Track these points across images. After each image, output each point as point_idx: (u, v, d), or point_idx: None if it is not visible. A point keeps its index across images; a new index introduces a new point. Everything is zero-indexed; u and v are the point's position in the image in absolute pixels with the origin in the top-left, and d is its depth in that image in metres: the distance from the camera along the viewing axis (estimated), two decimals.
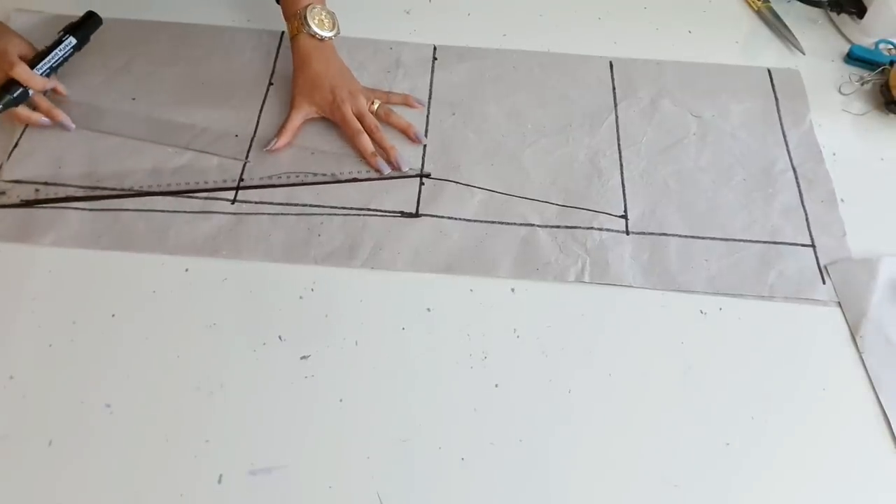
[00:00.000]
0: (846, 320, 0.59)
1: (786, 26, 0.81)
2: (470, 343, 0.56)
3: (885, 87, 0.74)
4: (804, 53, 0.79)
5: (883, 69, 0.75)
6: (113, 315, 0.56)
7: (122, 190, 0.62)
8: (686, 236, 0.62)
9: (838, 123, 0.73)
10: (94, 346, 0.55)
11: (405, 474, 0.50)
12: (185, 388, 0.53)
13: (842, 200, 0.66)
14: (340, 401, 0.53)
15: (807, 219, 0.64)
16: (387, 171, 0.65)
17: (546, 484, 0.51)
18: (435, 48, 0.76)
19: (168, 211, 0.61)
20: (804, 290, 0.60)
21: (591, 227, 0.63)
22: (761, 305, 0.59)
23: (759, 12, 0.83)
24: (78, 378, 0.53)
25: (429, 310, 0.58)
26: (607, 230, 0.63)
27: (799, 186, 0.67)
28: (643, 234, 0.63)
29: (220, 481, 0.49)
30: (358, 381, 0.54)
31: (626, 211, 0.64)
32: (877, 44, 0.78)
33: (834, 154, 0.70)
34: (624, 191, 0.65)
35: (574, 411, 0.54)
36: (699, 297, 0.59)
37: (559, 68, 0.75)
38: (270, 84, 0.71)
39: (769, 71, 0.76)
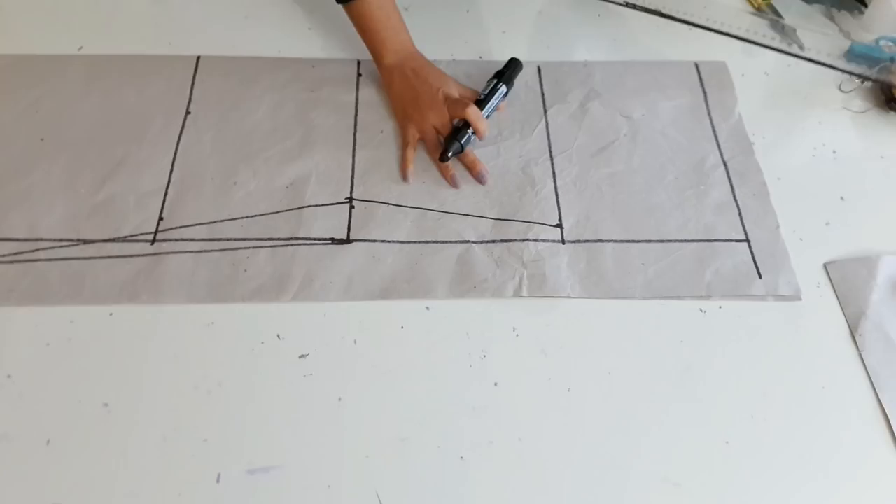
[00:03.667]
0: (846, 319, 0.59)
1: (786, 23, 0.80)
2: (469, 342, 0.56)
3: (884, 85, 0.73)
4: (804, 50, 0.78)
5: (883, 66, 0.74)
6: (111, 314, 0.55)
7: (33, 240, 0.59)
8: (621, 241, 0.62)
9: (838, 121, 0.73)
10: (91, 345, 0.54)
11: (404, 473, 0.50)
12: (184, 387, 0.53)
13: (841, 199, 0.66)
14: (339, 400, 0.53)
15: (740, 213, 0.64)
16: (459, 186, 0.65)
17: (545, 483, 0.50)
18: (359, 63, 0.74)
19: (83, 258, 0.58)
20: (741, 286, 0.60)
21: (527, 239, 0.62)
22: (761, 304, 0.59)
23: (759, 10, 0.83)
24: (76, 377, 0.53)
25: (428, 308, 0.58)
26: (543, 241, 0.62)
27: (730, 181, 0.67)
28: (579, 241, 0.62)
29: (218, 480, 0.49)
30: (356, 380, 0.54)
31: (560, 219, 0.63)
32: (877, 41, 0.78)
33: (834, 152, 0.70)
34: (557, 199, 0.64)
35: (573, 410, 0.54)
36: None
37: (486, 77, 0.73)
38: (188, 113, 0.68)
39: (696, 65, 0.76)
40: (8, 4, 0.77)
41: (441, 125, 0.66)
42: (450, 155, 0.64)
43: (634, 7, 0.77)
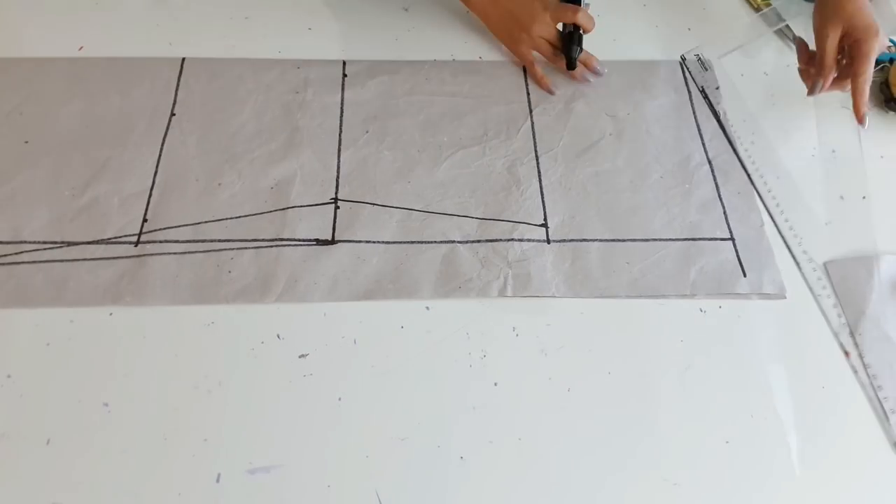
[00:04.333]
0: (845, 318, 0.59)
1: (786, 24, 0.80)
2: (469, 341, 0.56)
3: (884, 85, 0.73)
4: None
5: (883, 67, 0.74)
6: (111, 314, 0.55)
7: (17, 243, 0.59)
8: (607, 240, 0.62)
9: (837, 121, 0.72)
10: (91, 345, 0.54)
11: (404, 473, 0.50)
12: (184, 387, 0.53)
13: (841, 198, 0.66)
14: (339, 399, 0.53)
15: (724, 212, 0.64)
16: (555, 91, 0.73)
17: (545, 483, 0.50)
18: (344, 64, 0.74)
19: (67, 260, 0.58)
20: (725, 284, 0.60)
21: (512, 239, 0.61)
22: (761, 303, 0.59)
23: (758, 10, 0.83)
24: (76, 377, 0.53)
25: (427, 308, 0.58)
26: (528, 240, 0.61)
27: (715, 179, 0.67)
28: (564, 241, 0.62)
29: (218, 480, 0.49)
30: (356, 380, 0.54)
31: (545, 219, 0.63)
32: None
33: (833, 151, 0.70)
34: (543, 198, 0.64)
35: (573, 410, 0.54)
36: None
37: (472, 76, 0.74)
38: (173, 115, 0.68)
39: (681, 64, 0.76)
40: (8, 5, 0.77)
41: (550, 36, 0.71)
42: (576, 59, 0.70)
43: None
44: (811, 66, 0.67)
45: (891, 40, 0.78)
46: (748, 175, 0.67)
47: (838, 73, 0.65)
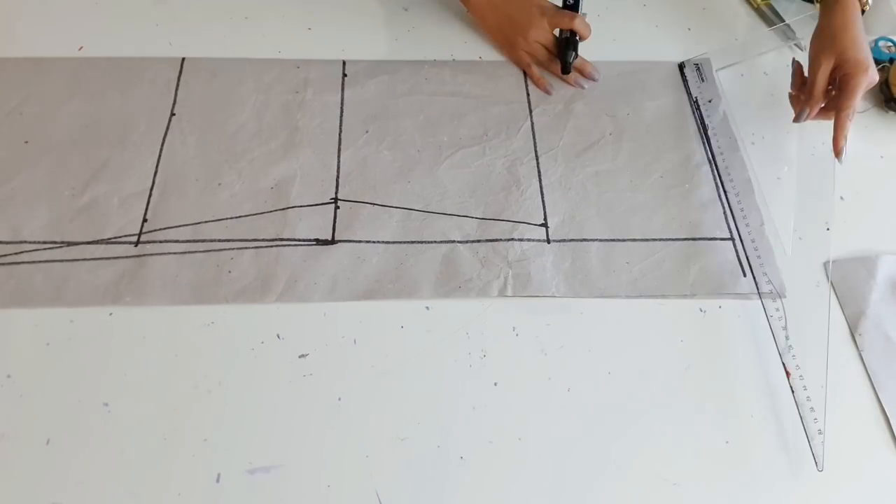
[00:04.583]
0: (845, 318, 0.59)
1: (785, 23, 0.80)
2: (469, 341, 0.56)
3: (884, 85, 0.73)
4: (803, 50, 0.77)
5: (883, 67, 0.74)
6: (111, 314, 0.55)
7: (17, 243, 0.59)
8: (607, 240, 0.62)
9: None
10: (91, 345, 0.54)
11: (404, 473, 0.51)
12: (183, 387, 0.53)
13: (841, 198, 0.66)
14: (339, 399, 0.53)
15: (724, 212, 0.64)
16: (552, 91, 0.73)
17: (545, 483, 0.50)
18: (344, 64, 0.74)
19: (67, 260, 0.58)
20: (726, 284, 0.60)
21: (512, 239, 0.61)
22: (760, 304, 0.59)
23: (758, 9, 0.83)
24: (76, 377, 0.53)
25: (427, 308, 0.58)
26: (528, 240, 0.61)
27: (715, 179, 0.66)
28: (564, 241, 0.62)
29: (218, 480, 0.49)
30: (356, 380, 0.54)
31: (545, 219, 0.63)
32: (876, 41, 0.77)
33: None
34: (543, 198, 0.64)
35: (573, 410, 0.54)
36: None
37: (472, 76, 0.74)
38: (173, 115, 0.68)
39: (680, 64, 0.76)
40: (8, 4, 0.77)
41: (546, 41, 0.72)
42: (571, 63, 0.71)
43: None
44: (802, 93, 0.67)
45: (890, 40, 0.78)
46: (721, 180, 0.67)
47: (827, 103, 0.65)
